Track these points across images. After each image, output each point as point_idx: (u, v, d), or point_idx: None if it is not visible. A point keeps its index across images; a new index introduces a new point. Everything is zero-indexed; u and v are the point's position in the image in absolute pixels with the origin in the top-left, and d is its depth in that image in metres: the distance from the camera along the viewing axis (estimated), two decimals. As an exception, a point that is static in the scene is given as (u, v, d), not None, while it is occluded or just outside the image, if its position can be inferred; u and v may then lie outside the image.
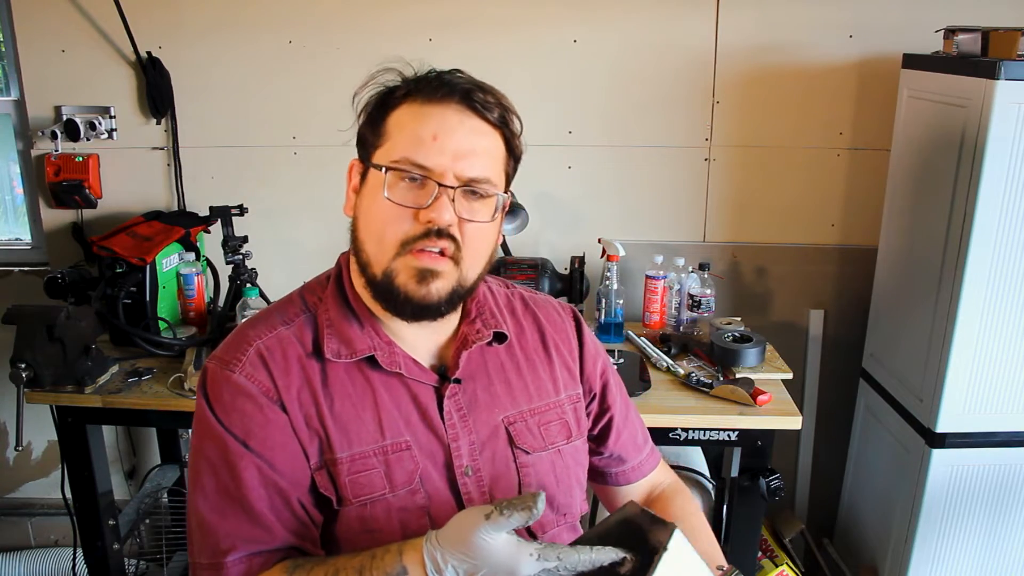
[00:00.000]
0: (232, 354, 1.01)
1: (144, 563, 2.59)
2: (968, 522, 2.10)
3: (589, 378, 1.18)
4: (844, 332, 2.53)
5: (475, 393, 1.07)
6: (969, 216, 1.86)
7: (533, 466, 1.08)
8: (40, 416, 2.08)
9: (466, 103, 0.96)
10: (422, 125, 0.95)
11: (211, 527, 0.97)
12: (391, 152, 0.96)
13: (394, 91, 1.00)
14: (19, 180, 2.62)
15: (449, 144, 0.95)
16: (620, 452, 1.21)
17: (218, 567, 0.96)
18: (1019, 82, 1.76)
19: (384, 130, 0.98)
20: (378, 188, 0.96)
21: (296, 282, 2.64)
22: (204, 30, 2.38)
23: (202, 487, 0.98)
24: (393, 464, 1.00)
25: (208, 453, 0.99)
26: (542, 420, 1.10)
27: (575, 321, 1.21)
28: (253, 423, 0.98)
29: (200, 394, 1.01)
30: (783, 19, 2.31)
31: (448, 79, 0.97)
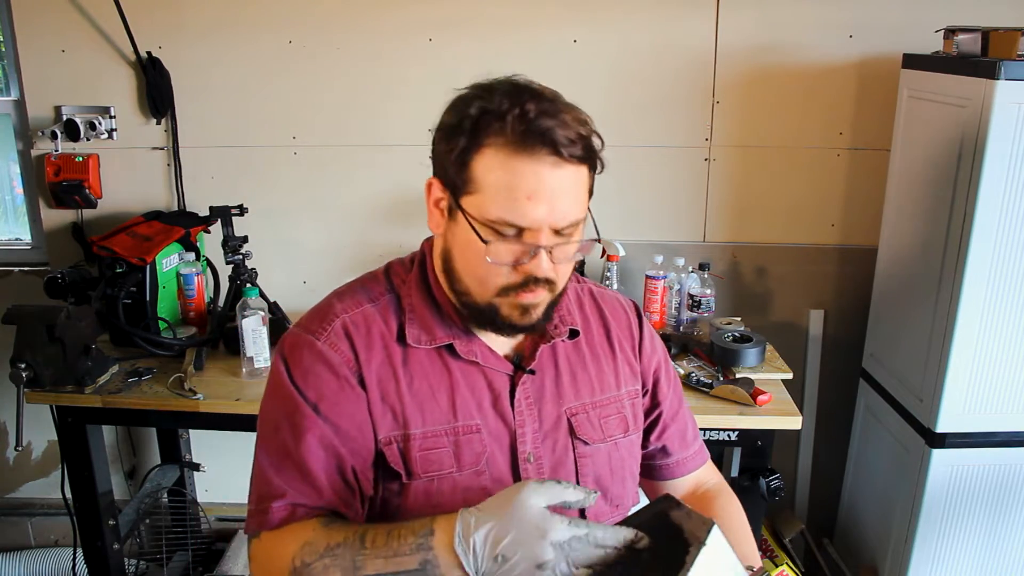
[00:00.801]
0: (318, 324, 1.05)
1: (144, 563, 2.59)
2: (968, 522, 2.10)
3: (644, 372, 1.21)
4: (844, 332, 2.53)
5: (543, 384, 1.10)
6: (969, 216, 1.86)
7: (591, 457, 1.11)
8: (40, 416, 2.08)
9: (558, 155, 0.92)
10: (516, 182, 0.92)
11: (267, 478, 1.01)
12: (484, 208, 0.94)
13: (478, 129, 0.94)
14: (19, 180, 2.62)
15: (544, 201, 0.93)
16: (666, 444, 1.24)
17: (264, 511, 1.00)
18: (1019, 82, 1.76)
19: (471, 175, 0.94)
20: (470, 233, 0.96)
21: (296, 282, 2.65)
22: (204, 30, 2.38)
23: (265, 442, 1.03)
24: (463, 445, 1.04)
25: (277, 411, 1.03)
26: (603, 413, 1.13)
27: (638, 317, 1.23)
28: (327, 389, 1.02)
29: (277, 357, 1.05)
30: (783, 19, 2.31)
31: (537, 125, 0.91)
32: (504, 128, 0.92)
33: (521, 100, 0.94)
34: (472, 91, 0.99)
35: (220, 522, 2.78)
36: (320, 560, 0.92)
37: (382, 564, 0.90)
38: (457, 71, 2.50)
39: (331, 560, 0.92)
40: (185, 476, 2.63)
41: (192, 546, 2.56)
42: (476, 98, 0.96)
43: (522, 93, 0.95)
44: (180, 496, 2.57)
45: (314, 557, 0.93)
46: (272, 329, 2.12)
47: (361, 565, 0.91)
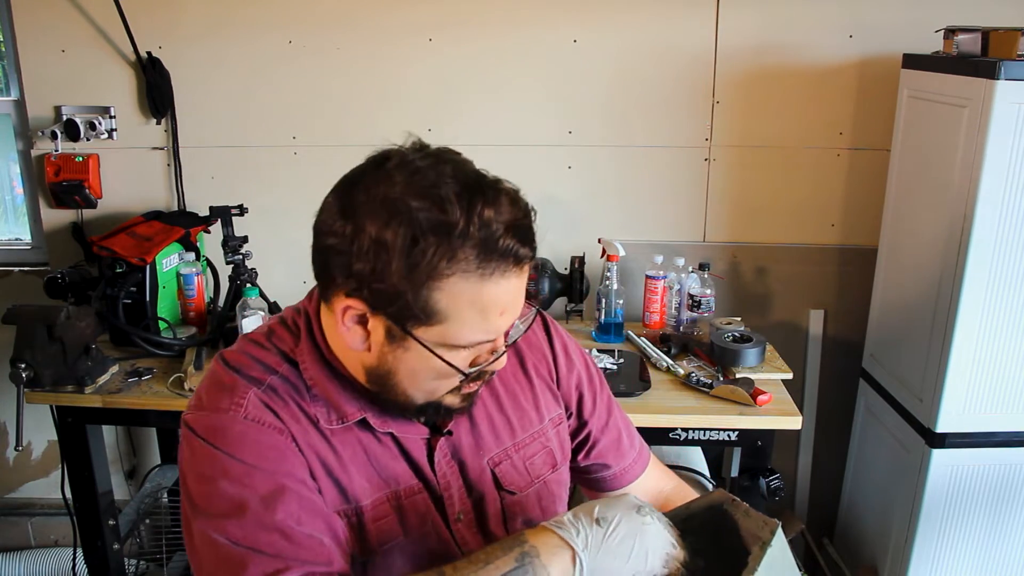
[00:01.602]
0: (228, 401, 0.91)
1: (144, 563, 2.59)
2: (968, 522, 2.10)
3: (566, 395, 1.14)
4: (844, 332, 2.53)
5: (460, 438, 1.03)
6: (969, 216, 1.86)
7: (520, 504, 1.06)
8: (40, 416, 2.08)
9: (521, 265, 0.86)
10: (489, 305, 0.85)
11: (244, 559, 0.84)
12: (454, 336, 0.86)
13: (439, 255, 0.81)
14: (19, 180, 2.62)
15: (511, 311, 0.89)
16: (602, 460, 1.18)
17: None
18: (1019, 82, 1.76)
19: (433, 307, 0.83)
20: (430, 359, 0.88)
21: (296, 282, 2.65)
22: (204, 30, 2.38)
23: (221, 525, 0.85)
24: (407, 508, 0.97)
25: (225, 489, 0.86)
26: (527, 454, 1.07)
27: (546, 331, 1.15)
28: (274, 456, 0.89)
29: (195, 443, 0.90)
30: (783, 19, 2.31)
31: (503, 243, 0.82)
32: (469, 254, 0.81)
33: (474, 205, 0.81)
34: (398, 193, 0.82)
35: (220, 522, 2.77)
36: None
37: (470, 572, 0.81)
38: (457, 71, 2.53)
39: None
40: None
41: (192, 546, 2.56)
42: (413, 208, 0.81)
43: (471, 195, 0.81)
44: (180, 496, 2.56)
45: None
46: (272, 329, 2.11)
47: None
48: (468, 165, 0.87)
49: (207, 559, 0.86)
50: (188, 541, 0.90)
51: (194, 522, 0.88)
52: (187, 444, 0.92)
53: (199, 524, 0.87)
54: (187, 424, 0.92)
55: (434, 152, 0.87)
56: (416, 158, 0.85)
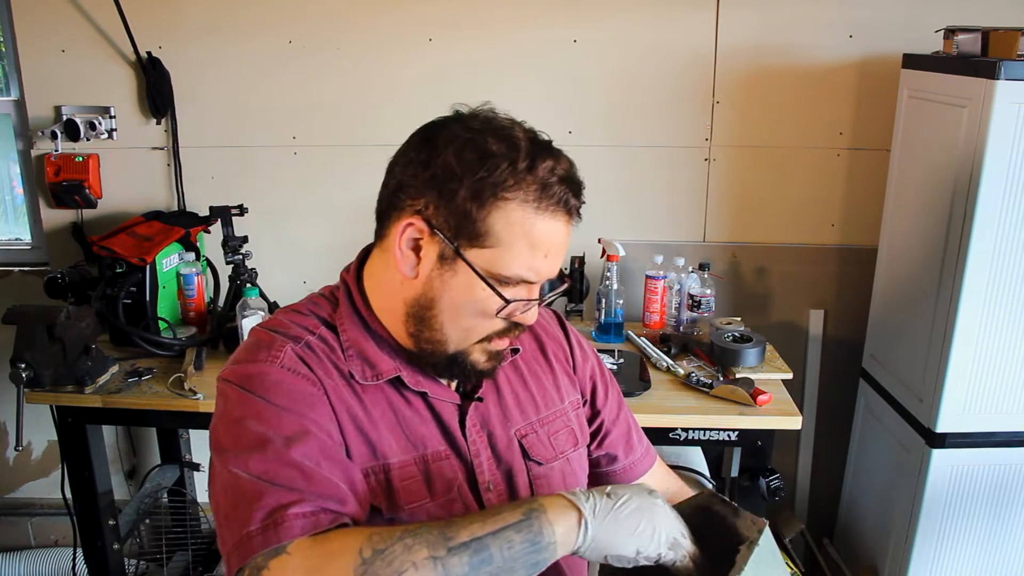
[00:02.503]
0: (265, 353, 0.95)
1: (144, 563, 2.59)
2: (968, 522, 2.10)
3: (581, 382, 1.19)
4: (844, 332, 2.53)
5: (488, 408, 1.07)
6: (969, 216, 1.86)
7: (545, 477, 1.08)
8: (40, 416, 2.08)
9: (570, 215, 0.95)
10: (538, 240, 0.92)
11: (261, 490, 0.84)
12: (502, 263, 0.91)
13: (501, 179, 0.89)
14: (19, 180, 2.62)
15: (554, 258, 0.95)
16: (611, 451, 1.21)
17: (277, 524, 0.82)
18: (1019, 82, 1.76)
19: (487, 228, 0.90)
20: (478, 287, 0.93)
21: (296, 282, 2.64)
22: (204, 30, 2.38)
23: (244, 460, 0.87)
24: (434, 472, 0.99)
25: (252, 428, 0.88)
26: (551, 429, 1.11)
27: (561, 325, 1.22)
28: (305, 403, 0.91)
29: (230, 389, 0.93)
30: (783, 19, 2.31)
31: (559, 187, 0.92)
32: (531, 185, 0.90)
33: (538, 154, 0.92)
34: (478, 128, 0.92)
35: (220, 522, 2.78)
36: (399, 542, 0.79)
37: (479, 527, 0.81)
38: (457, 71, 2.53)
39: (412, 539, 0.79)
40: (185, 476, 2.63)
41: (192, 546, 2.56)
42: (489, 140, 0.90)
43: (538, 146, 0.93)
44: (180, 496, 2.57)
45: (389, 541, 0.79)
46: (272, 329, 2.11)
47: (452, 535, 0.80)
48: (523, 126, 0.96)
49: (227, 495, 0.87)
50: (211, 489, 0.91)
51: (219, 464, 0.90)
52: (221, 396, 0.95)
53: (223, 463, 0.89)
54: (224, 379, 0.96)
55: (510, 117, 0.96)
56: (493, 115, 0.95)
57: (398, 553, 0.78)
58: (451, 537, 0.80)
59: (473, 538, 0.80)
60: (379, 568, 0.77)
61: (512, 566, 0.81)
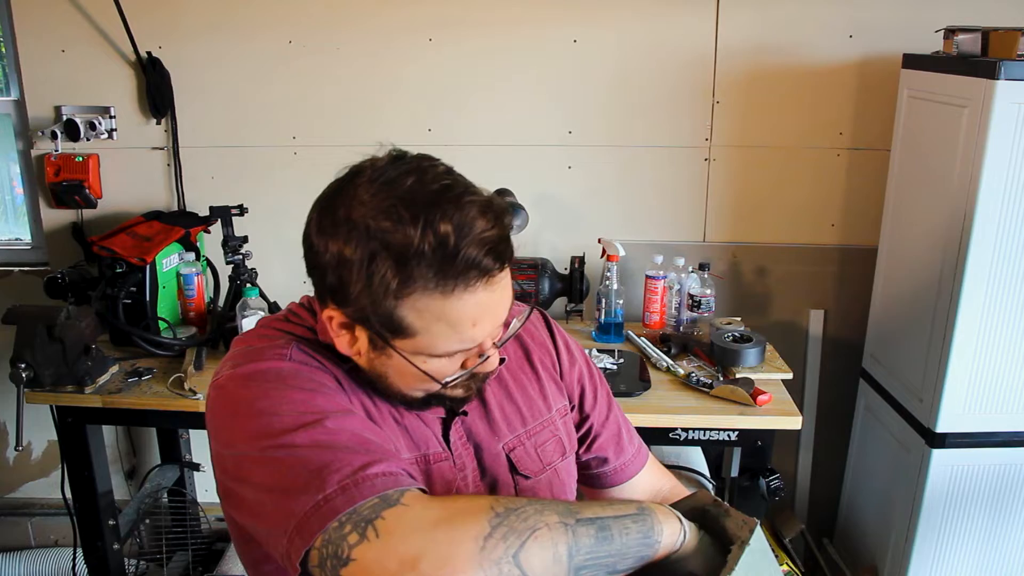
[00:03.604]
0: (270, 352, 0.92)
1: (144, 563, 2.59)
2: (968, 522, 2.10)
3: (569, 387, 1.17)
4: (844, 332, 2.53)
5: (474, 422, 1.06)
6: (969, 216, 1.86)
7: (532, 490, 1.07)
8: (40, 416, 2.08)
9: (489, 275, 0.84)
10: (457, 318, 0.85)
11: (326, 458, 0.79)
12: (428, 347, 0.88)
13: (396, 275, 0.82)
14: (19, 180, 2.62)
15: (488, 319, 0.89)
16: (600, 453, 1.20)
17: (359, 483, 0.77)
18: (1019, 82, 1.76)
19: (402, 323, 0.85)
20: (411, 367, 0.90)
21: (296, 282, 2.64)
22: (204, 30, 2.38)
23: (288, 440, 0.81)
24: (434, 474, 0.99)
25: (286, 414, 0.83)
26: (538, 441, 1.09)
27: (548, 328, 1.18)
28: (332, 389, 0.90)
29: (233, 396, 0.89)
30: (783, 19, 2.31)
31: (462, 256, 0.81)
32: (426, 272, 0.81)
33: (432, 221, 0.81)
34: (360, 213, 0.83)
35: (220, 522, 2.77)
36: (529, 505, 0.77)
37: (599, 509, 0.81)
38: (457, 71, 2.53)
39: (541, 505, 0.78)
40: (185, 476, 2.63)
41: (192, 546, 2.56)
42: (371, 228, 0.82)
43: (429, 209, 0.81)
44: (180, 496, 2.57)
45: (519, 503, 0.77)
46: (272, 329, 2.12)
47: (577, 511, 0.79)
48: (438, 176, 0.85)
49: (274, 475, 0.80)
50: (236, 500, 0.85)
51: (249, 455, 0.83)
52: (223, 400, 0.90)
53: (256, 452, 0.82)
54: (221, 384, 0.91)
55: (407, 162, 0.86)
56: (388, 170, 0.85)
57: (530, 513, 0.76)
58: (577, 512, 0.79)
59: (597, 517, 0.80)
60: (513, 522, 0.74)
61: (625, 552, 0.80)
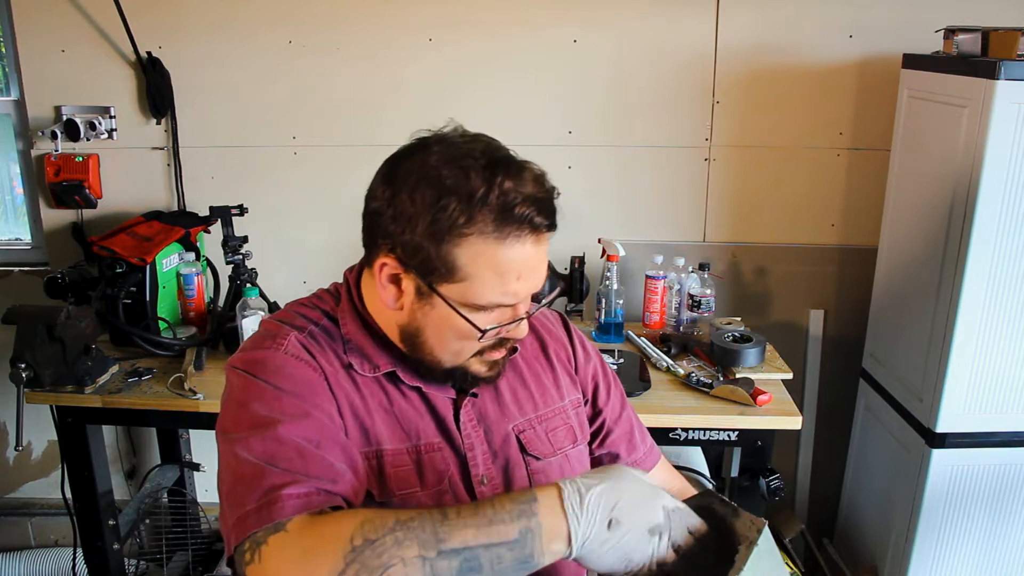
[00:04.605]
0: (270, 341, 1.00)
1: (144, 563, 2.59)
2: (968, 522, 2.10)
3: (583, 381, 1.21)
4: (844, 332, 2.53)
5: (485, 404, 1.09)
6: (969, 216, 1.86)
7: (544, 472, 1.10)
8: (40, 416, 2.08)
9: (539, 233, 0.94)
10: (506, 268, 0.92)
11: (260, 471, 0.87)
12: (473, 294, 0.94)
13: (458, 217, 0.90)
14: (19, 180, 2.62)
15: (530, 277, 0.96)
16: (614, 451, 1.22)
17: (271, 503, 0.85)
18: (1019, 82, 1.76)
19: (454, 264, 0.92)
20: (453, 317, 0.95)
21: (296, 282, 2.65)
22: (204, 30, 2.38)
23: (245, 441, 0.90)
24: (426, 463, 1.02)
25: (255, 410, 0.92)
26: (549, 426, 1.13)
27: (564, 326, 1.24)
28: (306, 387, 0.96)
29: (233, 374, 0.98)
30: (783, 19, 2.31)
31: (519, 210, 0.90)
32: (488, 215, 0.90)
33: (495, 177, 0.90)
34: (434, 163, 0.92)
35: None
36: (391, 534, 0.78)
37: (472, 534, 0.79)
38: (457, 71, 2.53)
39: (404, 533, 0.78)
40: (185, 476, 2.63)
41: (192, 546, 2.56)
42: (447, 176, 0.91)
43: (494, 167, 0.91)
44: (180, 496, 2.57)
45: (381, 532, 0.78)
46: (272, 329, 2.12)
47: (445, 537, 0.79)
48: (501, 147, 0.96)
49: (229, 475, 0.91)
50: (219, 472, 0.94)
51: (224, 447, 0.93)
52: (228, 383, 1.00)
53: (228, 446, 0.92)
54: (231, 365, 1.00)
55: (472, 134, 0.97)
56: (457, 138, 0.96)
57: (388, 546, 0.78)
58: (443, 539, 0.79)
59: (465, 547, 0.79)
60: (368, 558, 0.77)
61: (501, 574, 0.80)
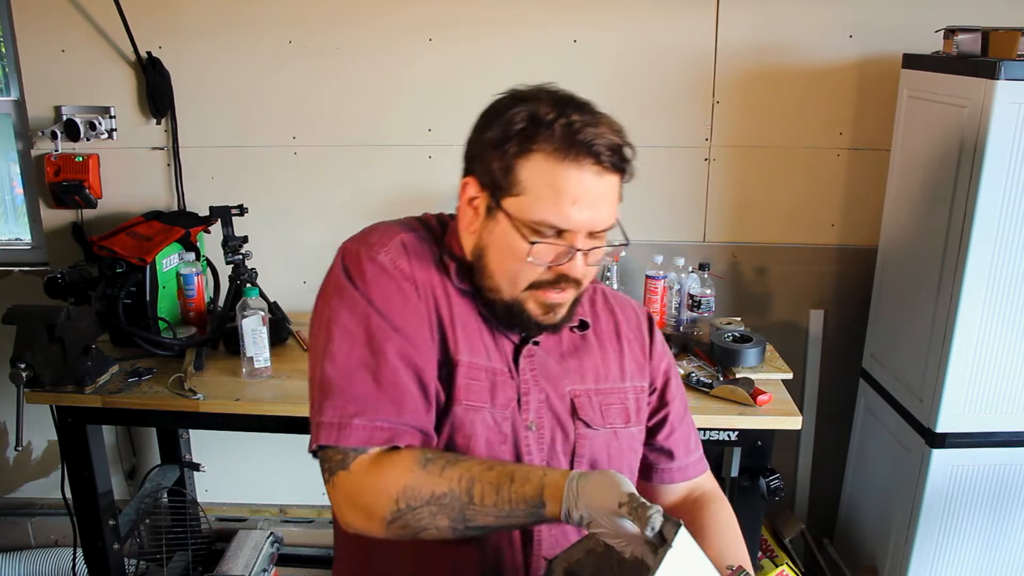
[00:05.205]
0: (377, 238, 1.07)
1: (144, 563, 2.59)
2: (968, 522, 2.10)
3: (653, 373, 1.24)
4: (844, 332, 2.53)
5: (548, 362, 1.13)
6: (969, 216, 1.86)
7: (590, 439, 1.13)
8: (40, 416, 2.08)
9: (600, 163, 0.98)
10: (562, 187, 0.98)
11: (339, 389, 1.00)
12: (529, 210, 0.99)
13: (526, 135, 0.99)
14: (19, 180, 2.62)
15: (586, 206, 0.99)
16: (671, 447, 1.25)
17: (342, 427, 0.98)
18: (1019, 82, 1.76)
19: (517, 178, 1.00)
20: (512, 234, 1.01)
21: (296, 282, 2.65)
22: (204, 30, 2.38)
23: (331, 353, 1.01)
24: (497, 385, 1.07)
25: (345, 321, 1.02)
26: (605, 401, 1.16)
27: (649, 322, 1.27)
28: (394, 302, 1.03)
29: (338, 266, 1.06)
30: (783, 19, 2.31)
31: (582, 135, 0.97)
32: (552, 136, 0.98)
33: (566, 110, 0.99)
34: (516, 99, 1.02)
35: (220, 522, 2.78)
36: (427, 507, 0.95)
37: (492, 520, 0.94)
38: (457, 71, 2.53)
39: (438, 508, 0.95)
40: (185, 476, 2.63)
41: (192, 546, 2.56)
42: (522, 105, 1.01)
43: (566, 104, 1.00)
44: (180, 496, 2.57)
45: (419, 503, 0.95)
46: (272, 329, 2.12)
47: (471, 518, 0.94)
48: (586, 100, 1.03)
49: (314, 375, 1.03)
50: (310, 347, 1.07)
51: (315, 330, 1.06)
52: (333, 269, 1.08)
53: (315, 341, 1.05)
54: (344, 248, 1.09)
55: (548, 85, 1.05)
56: (546, 86, 1.04)
57: (424, 516, 0.95)
58: (469, 520, 0.94)
59: (486, 526, 0.95)
60: (409, 520, 0.96)
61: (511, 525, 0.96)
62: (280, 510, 2.79)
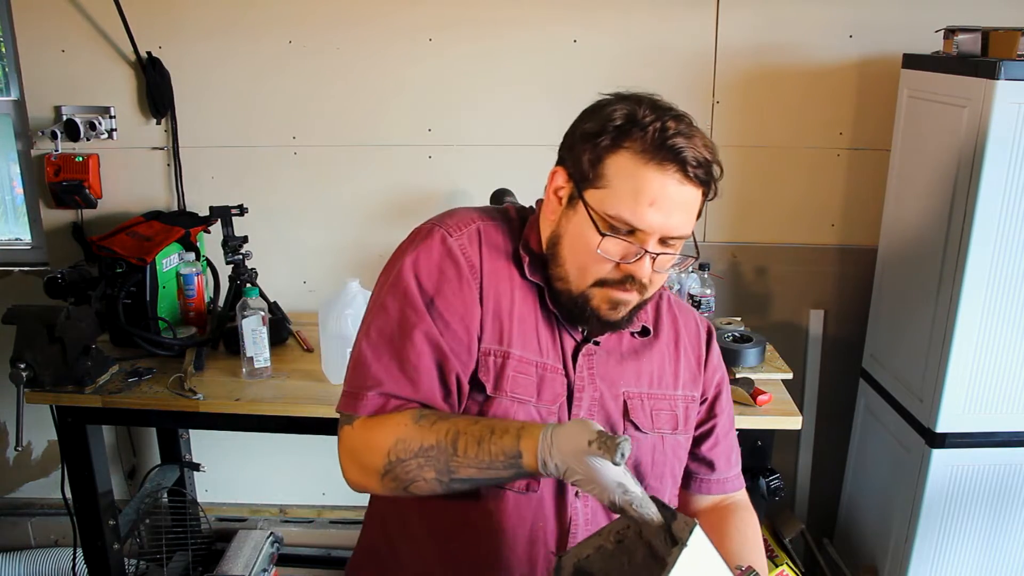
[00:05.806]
0: (454, 222, 1.11)
1: (144, 563, 2.59)
2: (968, 522, 2.10)
3: (706, 383, 1.26)
4: (844, 332, 2.52)
5: (606, 362, 1.15)
6: (969, 216, 1.86)
7: (637, 443, 1.14)
8: (40, 416, 2.08)
9: (684, 173, 1.00)
10: (643, 187, 1.00)
11: (365, 363, 1.06)
12: (608, 203, 1.02)
13: (620, 133, 1.02)
14: (19, 180, 2.62)
15: (662, 211, 1.01)
16: (713, 458, 1.27)
17: (356, 395, 1.05)
18: (1019, 82, 1.76)
19: (603, 172, 1.02)
20: (587, 225, 1.04)
21: (296, 282, 2.65)
22: (204, 30, 2.38)
23: (367, 328, 1.08)
24: (546, 381, 1.10)
25: (387, 300, 1.07)
26: (656, 406, 1.18)
27: (708, 334, 1.29)
28: (448, 287, 1.06)
29: (409, 243, 1.10)
30: (783, 19, 2.31)
31: (672, 142, 0.99)
32: (644, 137, 1.00)
33: (663, 116, 1.01)
34: (619, 98, 1.05)
35: (220, 522, 2.78)
36: (415, 459, 0.99)
37: (475, 472, 0.98)
38: (457, 71, 2.53)
39: (425, 460, 0.99)
40: (185, 476, 2.63)
41: (192, 546, 2.56)
42: (623, 104, 1.03)
43: (665, 111, 1.02)
44: (180, 496, 2.57)
45: (408, 455, 1.00)
46: (272, 329, 2.12)
47: (455, 469, 0.98)
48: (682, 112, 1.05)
49: (355, 346, 1.09)
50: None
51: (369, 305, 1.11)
52: (407, 238, 1.12)
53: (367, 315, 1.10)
54: (421, 225, 1.12)
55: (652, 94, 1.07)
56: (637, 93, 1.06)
57: (412, 468, 1.00)
58: (453, 471, 0.99)
59: (470, 478, 0.99)
60: (399, 472, 1.01)
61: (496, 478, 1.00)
62: (280, 510, 2.79)
